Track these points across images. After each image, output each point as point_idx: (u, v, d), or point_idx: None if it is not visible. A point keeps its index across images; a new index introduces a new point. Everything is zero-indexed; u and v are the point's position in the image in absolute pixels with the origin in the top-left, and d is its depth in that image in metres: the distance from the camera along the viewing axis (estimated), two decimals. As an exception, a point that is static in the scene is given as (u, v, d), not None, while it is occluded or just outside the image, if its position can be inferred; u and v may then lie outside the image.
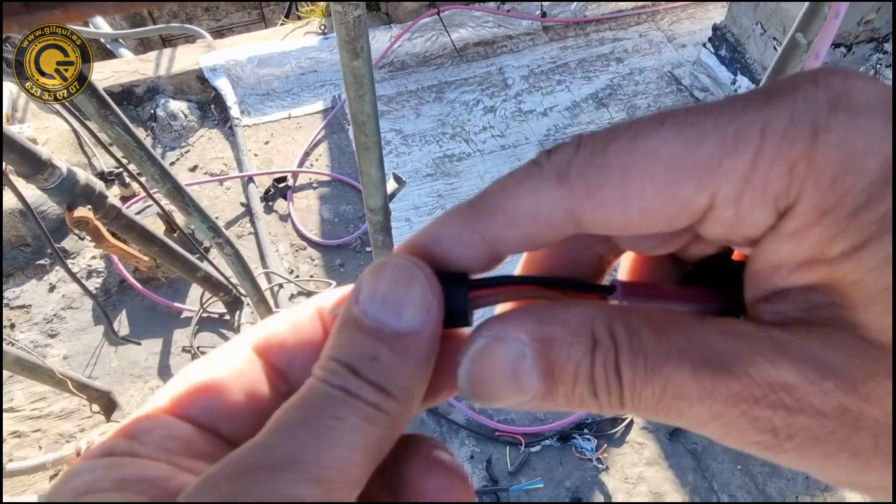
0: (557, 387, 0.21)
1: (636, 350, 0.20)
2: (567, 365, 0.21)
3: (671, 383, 0.20)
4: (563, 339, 0.21)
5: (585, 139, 0.21)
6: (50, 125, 2.73)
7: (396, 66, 3.29)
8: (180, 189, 1.30)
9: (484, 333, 0.22)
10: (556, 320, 0.21)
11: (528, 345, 0.21)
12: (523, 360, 0.21)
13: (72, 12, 0.19)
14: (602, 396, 0.21)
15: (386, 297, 0.22)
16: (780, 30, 2.64)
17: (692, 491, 2.05)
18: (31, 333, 2.35)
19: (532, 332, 0.21)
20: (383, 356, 0.21)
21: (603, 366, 0.20)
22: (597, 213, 0.21)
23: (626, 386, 0.20)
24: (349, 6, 0.78)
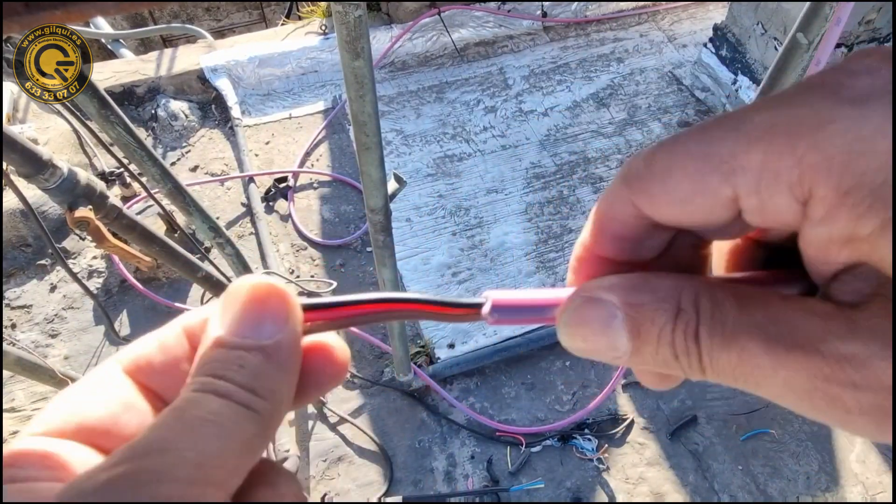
0: (644, 347, 0.24)
1: (716, 320, 0.22)
2: (651, 328, 0.23)
3: (746, 352, 0.21)
4: (649, 305, 0.24)
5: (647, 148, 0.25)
6: (51, 125, 2.73)
7: (397, 67, 3.29)
8: (181, 189, 1.30)
9: (580, 294, 0.25)
10: (647, 287, 0.24)
11: (619, 307, 0.24)
12: (614, 320, 0.24)
13: (73, 12, 0.19)
14: (682, 360, 0.23)
15: (244, 315, 0.24)
16: (781, 30, 2.63)
17: (693, 491, 2.05)
18: (31, 333, 2.35)
19: (623, 297, 0.24)
20: (249, 363, 0.23)
21: (683, 332, 0.23)
22: (651, 206, 0.24)
23: (703, 352, 0.22)
24: (350, 6, 0.78)
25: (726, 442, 2.14)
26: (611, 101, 3.14)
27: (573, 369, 2.28)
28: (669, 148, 0.23)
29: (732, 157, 0.21)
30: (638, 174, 0.24)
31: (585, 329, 0.25)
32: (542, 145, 2.95)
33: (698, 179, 0.22)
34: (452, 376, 2.25)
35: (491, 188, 2.79)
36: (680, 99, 3.14)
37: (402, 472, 2.07)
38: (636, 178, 0.24)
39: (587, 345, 0.25)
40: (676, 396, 2.23)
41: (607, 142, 2.96)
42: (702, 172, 0.22)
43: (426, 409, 2.19)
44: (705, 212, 0.23)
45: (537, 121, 3.05)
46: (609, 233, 0.26)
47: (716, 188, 0.22)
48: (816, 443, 2.14)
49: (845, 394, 0.20)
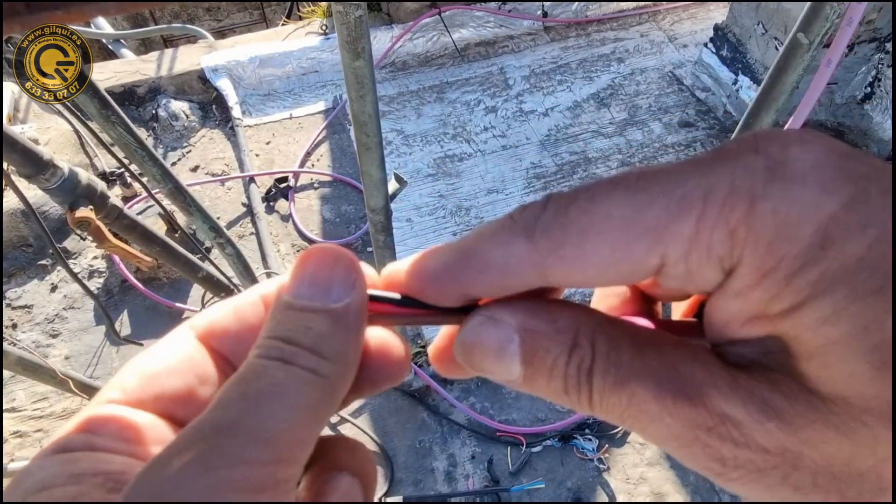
0: (536, 376, 0.23)
1: (611, 360, 0.22)
2: (545, 358, 0.23)
3: (635, 398, 0.21)
4: (546, 335, 0.23)
5: (554, 198, 0.23)
6: (52, 125, 2.74)
7: (398, 67, 3.30)
8: (182, 189, 1.30)
9: (482, 312, 0.25)
10: (546, 316, 0.24)
11: (516, 331, 0.23)
12: (510, 344, 0.23)
13: (74, 13, 0.19)
14: (572, 395, 0.23)
15: (314, 279, 0.24)
16: (782, 30, 2.63)
17: (693, 491, 2.05)
18: (32, 333, 2.35)
19: (522, 322, 0.23)
20: (316, 325, 0.23)
21: (577, 368, 0.22)
22: (558, 269, 0.22)
23: (595, 391, 0.22)
24: (350, 6, 0.78)
25: (727, 442, 2.13)
26: (611, 101, 3.14)
27: (574, 369, 2.28)
28: (585, 207, 0.22)
29: (662, 225, 0.20)
30: (547, 233, 0.22)
31: (481, 348, 0.24)
32: (542, 145, 2.95)
33: (621, 247, 0.21)
34: (453, 376, 2.24)
35: (491, 188, 2.79)
36: (681, 99, 3.14)
37: (403, 472, 2.07)
38: (545, 238, 0.22)
39: (481, 364, 0.24)
40: (677, 396, 2.23)
41: (608, 142, 2.96)
42: (625, 240, 0.21)
43: (427, 409, 2.19)
44: (622, 278, 0.22)
45: (538, 121, 3.05)
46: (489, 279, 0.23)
47: (640, 257, 0.21)
48: (817, 443, 2.14)
49: (723, 447, 0.20)
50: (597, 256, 0.22)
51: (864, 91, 2.70)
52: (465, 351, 0.25)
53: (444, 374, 0.28)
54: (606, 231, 0.21)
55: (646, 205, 0.21)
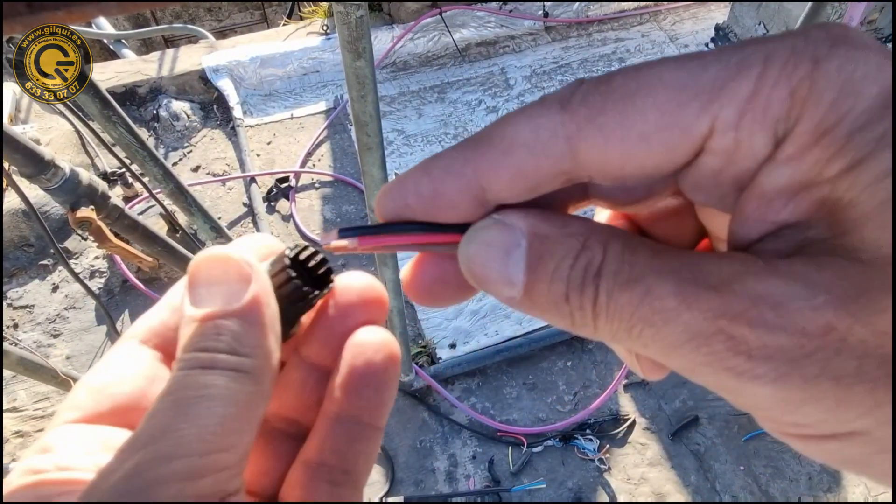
0: (538, 283, 0.21)
1: (625, 260, 0.20)
2: (549, 261, 0.21)
3: (650, 294, 0.19)
4: (554, 238, 0.21)
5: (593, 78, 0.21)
6: (53, 126, 2.74)
7: (399, 67, 3.30)
8: (183, 189, 1.30)
9: (494, 217, 0.23)
10: (559, 221, 0.22)
11: (525, 235, 0.22)
12: (516, 249, 0.22)
13: (75, 13, 0.19)
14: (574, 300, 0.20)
15: (208, 286, 0.24)
16: (783, 29, 2.63)
17: (694, 492, 2.05)
18: (34, 333, 2.35)
19: (531, 226, 0.22)
20: (225, 328, 0.23)
21: (583, 268, 0.20)
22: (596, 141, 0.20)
23: (601, 291, 0.20)
24: (351, 6, 0.79)
25: (728, 442, 2.13)
26: (612, 101, 3.14)
27: (575, 370, 2.28)
28: (632, 73, 0.20)
29: (717, 84, 0.19)
30: (586, 101, 0.20)
31: (486, 252, 0.22)
32: (543, 145, 2.95)
33: (671, 109, 0.19)
34: (454, 376, 2.25)
35: (492, 188, 2.79)
36: (682, 99, 3.14)
37: (404, 472, 2.07)
38: (584, 105, 0.20)
39: (483, 270, 0.22)
40: (678, 397, 2.22)
41: (609, 142, 2.96)
42: (677, 101, 0.19)
43: (428, 409, 2.19)
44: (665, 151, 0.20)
45: (539, 121, 3.05)
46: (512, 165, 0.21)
47: (691, 121, 0.19)
48: (818, 443, 2.14)
49: (751, 335, 0.18)
50: (642, 122, 0.20)
51: (865, 91, 2.70)
52: (469, 255, 0.23)
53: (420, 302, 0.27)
54: (656, 93, 0.20)
55: (700, 69, 0.20)
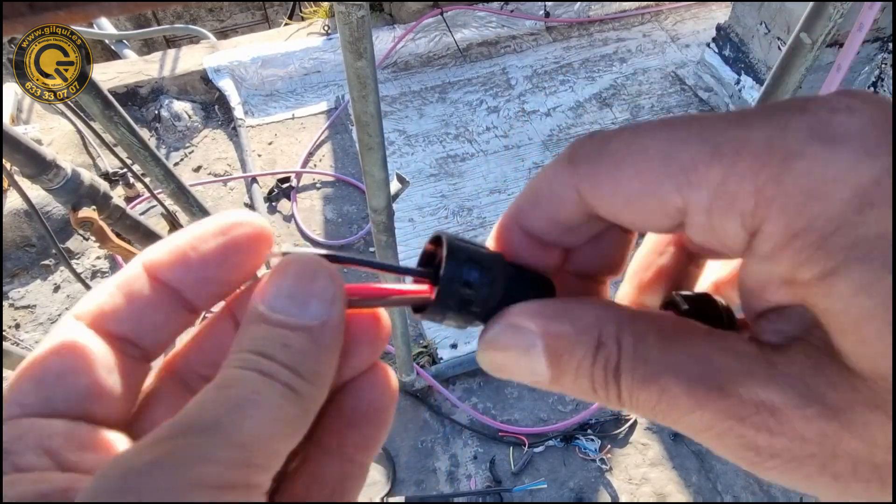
0: (563, 376, 0.23)
1: (638, 357, 0.22)
2: (570, 360, 0.23)
3: (666, 393, 0.21)
4: (569, 337, 0.23)
5: (600, 132, 0.23)
6: (55, 126, 2.74)
7: (400, 67, 3.30)
8: (184, 189, 1.30)
9: (500, 322, 0.25)
10: (568, 317, 0.23)
11: (539, 337, 0.23)
12: (533, 349, 0.23)
13: (76, 13, 0.19)
14: (601, 393, 0.23)
15: (291, 292, 0.23)
16: (785, 29, 2.63)
17: (696, 492, 2.05)
18: (35, 333, 2.36)
19: (543, 326, 0.23)
20: (294, 343, 0.22)
21: (603, 368, 0.22)
22: (594, 196, 0.23)
23: (623, 388, 0.22)
24: (353, 7, 0.79)
25: (730, 442, 2.13)
26: (614, 101, 3.14)
27: (576, 370, 2.28)
28: (627, 139, 0.22)
29: (691, 167, 0.20)
30: (588, 158, 0.23)
31: (504, 355, 0.24)
32: (544, 145, 2.95)
33: (650, 181, 0.21)
34: (455, 376, 2.25)
35: (494, 188, 2.79)
36: (683, 99, 3.14)
37: (405, 472, 2.07)
38: (585, 162, 0.23)
39: (506, 371, 0.25)
40: (679, 397, 2.22)
41: (610, 142, 2.96)
42: (656, 175, 0.21)
43: (429, 409, 2.19)
44: (649, 216, 0.22)
45: (540, 121, 3.05)
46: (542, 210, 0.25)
47: (665, 195, 0.21)
48: (820, 443, 2.14)
49: (758, 436, 0.20)
50: (628, 187, 0.22)
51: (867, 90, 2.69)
52: (488, 358, 0.25)
53: None
54: (639, 163, 0.21)
55: (682, 145, 0.21)
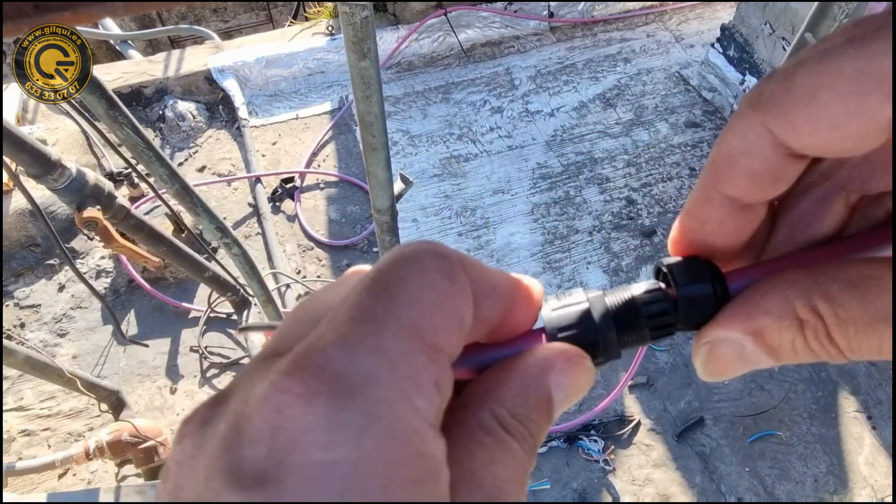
0: (782, 358, 0.24)
1: (843, 320, 0.22)
2: (784, 344, 0.24)
3: (886, 341, 0.21)
4: (771, 328, 0.23)
5: (780, 67, 0.22)
6: (59, 126, 2.75)
7: (403, 67, 3.30)
8: (188, 189, 1.30)
9: (703, 342, 0.26)
10: (760, 312, 0.24)
11: (745, 339, 0.24)
12: (745, 350, 0.24)
13: (81, 14, 0.20)
14: (824, 356, 0.23)
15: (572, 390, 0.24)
16: (790, 30, 2.62)
17: (700, 493, 2.04)
18: (40, 333, 2.36)
19: (744, 329, 0.24)
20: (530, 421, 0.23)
21: (816, 339, 0.23)
22: (794, 134, 0.22)
23: (843, 348, 0.23)
24: (356, 7, 0.79)
25: (733, 444, 2.12)
26: (617, 101, 3.13)
27: (579, 370, 2.28)
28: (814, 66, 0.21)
29: None
30: (774, 99, 0.22)
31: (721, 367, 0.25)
32: (548, 146, 2.95)
33: (854, 101, 0.20)
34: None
35: (497, 189, 2.78)
36: (687, 99, 3.13)
37: (408, 472, 2.07)
38: (773, 104, 0.22)
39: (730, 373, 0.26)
40: (683, 398, 2.22)
41: (614, 142, 2.96)
42: (858, 93, 0.20)
43: (432, 409, 2.19)
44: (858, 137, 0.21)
45: (544, 121, 3.05)
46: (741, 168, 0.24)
47: (875, 110, 0.20)
48: (824, 445, 2.13)
49: None
50: (829, 115, 0.21)
51: (872, 91, 2.68)
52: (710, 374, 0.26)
53: None
54: (837, 86, 0.20)
55: (881, 54, 0.19)
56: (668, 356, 2.31)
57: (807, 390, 2.24)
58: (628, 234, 2.63)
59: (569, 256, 2.57)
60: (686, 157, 2.89)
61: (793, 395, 2.23)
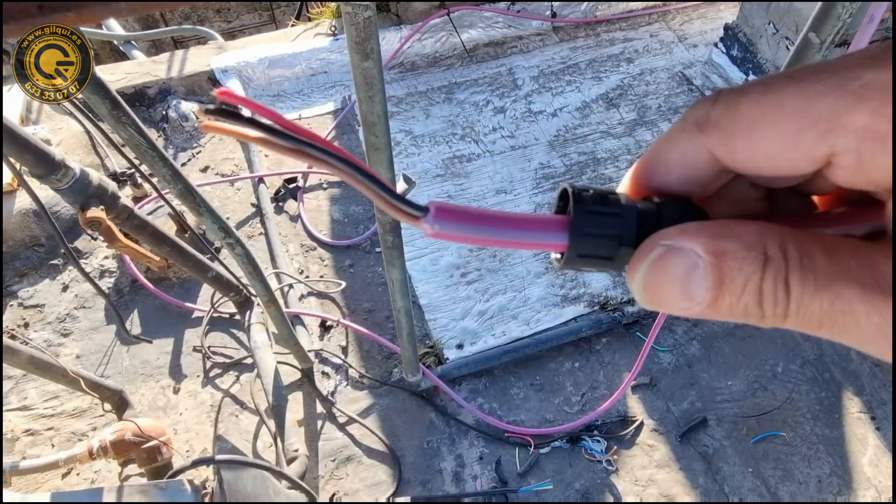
0: (724, 297, 0.23)
1: (807, 268, 0.22)
2: (737, 277, 0.23)
3: (840, 300, 0.21)
4: (735, 253, 0.23)
5: (724, 93, 0.24)
6: (63, 126, 2.76)
7: (406, 67, 3.30)
8: (192, 190, 1.30)
9: (662, 243, 0.24)
10: (731, 235, 0.23)
11: (702, 256, 0.23)
12: (695, 270, 0.23)
13: (85, 14, 0.20)
14: (767, 308, 0.23)
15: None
16: (793, 29, 2.61)
17: (703, 494, 2.04)
18: (44, 332, 2.37)
19: (707, 245, 0.23)
20: None
21: (773, 280, 0.22)
22: (732, 157, 0.24)
23: (793, 300, 0.22)
24: (359, 7, 0.79)
25: (737, 444, 2.12)
26: (620, 101, 3.13)
27: (582, 371, 2.28)
28: (757, 98, 0.22)
29: (834, 116, 0.21)
30: (719, 125, 0.23)
31: (663, 278, 0.24)
32: (551, 146, 2.94)
33: (790, 136, 0.22)
34: (461, 377, 2.25)
35: (500, 189, 2.78)
36: (690, 99, 3.12)
37: (411, 472, 2.07)
38: (717, 129, 0.24)
39: (661, 296, 0.24)
40: (686, 398, 2.21)
41: (617, 142, 2.95)
42: (796, 129, 0.21)
43: (435, 409, 2.19)
44: (791, 167, 0.23)
45: (546, 121, 3.05)
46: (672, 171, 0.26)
47: (810, 147, 0.22)
48: (828, 446, 2.12)
49: None
50: (767, 146, 0.22)
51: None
52: (644, 283, 0.25)
53: None
54: (777, 122, 0.22)
55: (819, 96, 0.21)
56: (671, 356, 2.31)
57: (810, 391, 2.23)
58: (631, 234, 2.62)
59: (572, 256, 2.56)
60: (689, 157, 2.88)
61: (796, 396, 2.22)
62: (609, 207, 0.25)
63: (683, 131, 0.25)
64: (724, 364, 2.29)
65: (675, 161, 0.26)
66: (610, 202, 0.26)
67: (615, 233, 0.25)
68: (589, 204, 0.25)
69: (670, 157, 0.26)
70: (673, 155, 0.26)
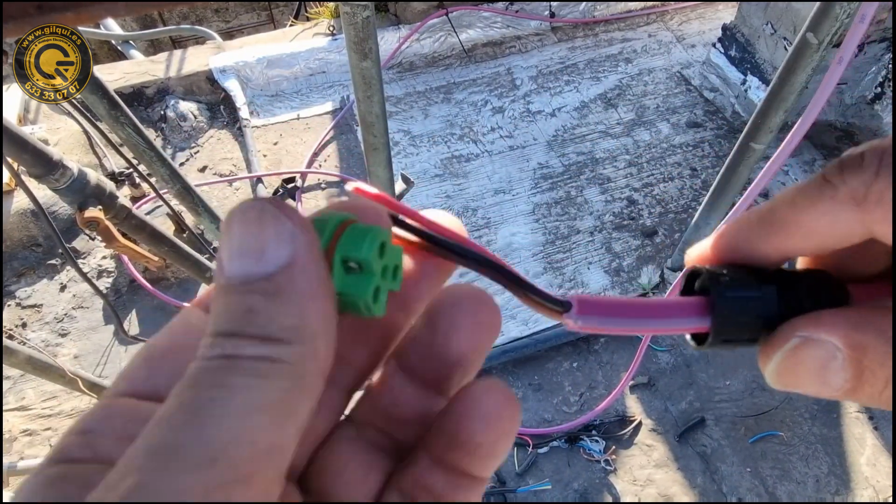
0: (864, 388, 0.22)
1: None
2: (878, 371, 0.22)
3: None
4: (877, 348, 0.22)
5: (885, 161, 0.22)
6: (61, 126, 2.76)
7: (405, 67, 3.30)
8: (190, 190, 1.30)
9: (798, 334, 0.24)
10: (871, 328, 0.22)
11: (841, 349, 0.22)
12: (833, 361, 0.23)
13: (83, 14, 0.20)
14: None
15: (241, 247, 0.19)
16: (791, 29, 2.62)
17: (701, 493, 2.04)
18: (42, 333, 2.37)
19: (845, 339, 0.22)
20: (256, 305, 0.19)
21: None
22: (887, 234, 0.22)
23: None
24: (358, 7, 0.79)
25: (735, 444, 2.12)
26: (619, 101, 3.13)
27: (580, 371, 2.28)
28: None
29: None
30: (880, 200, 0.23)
31: (799, 368, 0.24)
32: (549, 146, 2.94)
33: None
34: (459, 377, 2.24)
35: (498, 189, 2.78)
36: (689, 99, 3.13)
37: (409, 472, 2.07)
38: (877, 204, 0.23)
39: (796, 383, 0.24)
40: (684, 398, 2.22)
41: (615, 142, 2.95)
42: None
43: (433, 409, 2.19)
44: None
45: (545, 121, 3.05)
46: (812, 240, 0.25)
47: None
48: (826, 445, 2.13)
49: None
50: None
51: (874, 91, 2.68)
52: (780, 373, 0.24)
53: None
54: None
55: None
56: (669, 356, 2.31)
57: (808, 391, 2.24)
58: (629, 234, 2.62)
59: (570, 257, 2.56)
60: (687, 157, 2.89)
61: (794, 396, 2.22)
62: (749, 291, 0.25)
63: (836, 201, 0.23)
64: (723, 364, 2.29)
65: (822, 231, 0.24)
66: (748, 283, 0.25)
67: (757, 316, 0.25)
68: (729, 289, 0.25)
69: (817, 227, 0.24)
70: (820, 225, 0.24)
